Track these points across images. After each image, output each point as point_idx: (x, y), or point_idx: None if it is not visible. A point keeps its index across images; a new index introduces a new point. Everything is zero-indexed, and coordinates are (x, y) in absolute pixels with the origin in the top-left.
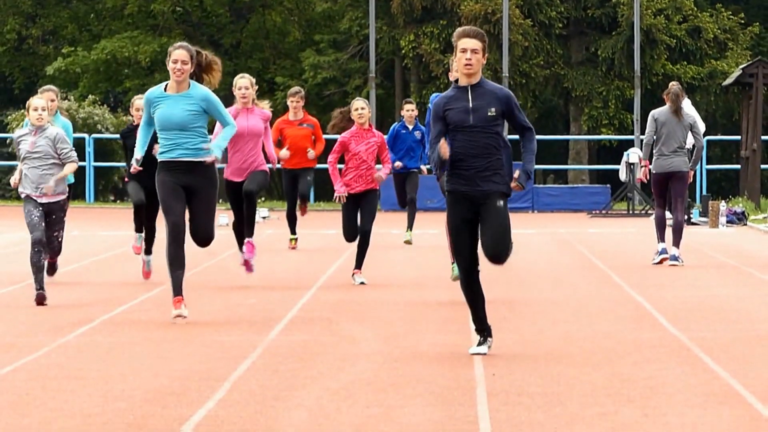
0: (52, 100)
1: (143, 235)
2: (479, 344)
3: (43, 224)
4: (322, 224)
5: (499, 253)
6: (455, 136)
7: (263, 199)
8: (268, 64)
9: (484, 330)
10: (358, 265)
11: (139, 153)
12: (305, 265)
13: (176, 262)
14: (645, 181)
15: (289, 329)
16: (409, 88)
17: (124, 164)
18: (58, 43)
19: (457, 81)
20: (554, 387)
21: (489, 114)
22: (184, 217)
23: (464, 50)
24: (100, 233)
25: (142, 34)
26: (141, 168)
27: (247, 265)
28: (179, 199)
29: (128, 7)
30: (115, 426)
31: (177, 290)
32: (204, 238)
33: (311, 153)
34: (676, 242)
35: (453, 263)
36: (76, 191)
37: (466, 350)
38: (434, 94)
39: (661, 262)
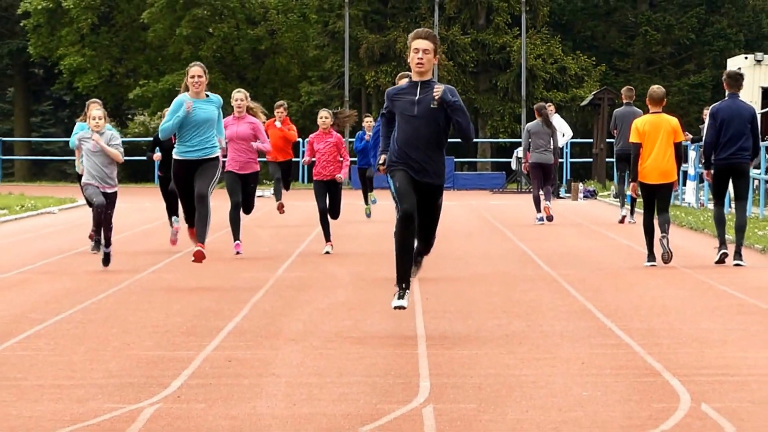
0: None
1: (178, 218)
2: (399, 297)
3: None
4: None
5: (430, 244)
6: (401, 125)
7: (264, 181)
8: (276, 91)
9: (404, 281)
10: (328, 237)
11: (162, 135)
12: (300, 227)
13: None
14: (526, 172)
15: (291, 268)
16: (371, 109)
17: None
18: (137, 77)
19: (410, 78)
20: (468, 306)
21: (432, 106)
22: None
23: (417, 50)
24: (162, 204)
25: None
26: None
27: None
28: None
29: (183, 53)
30: (174, 333)
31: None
32: (198, 193)
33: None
34: (548, 198)
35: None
36: (148, 177)
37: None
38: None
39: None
